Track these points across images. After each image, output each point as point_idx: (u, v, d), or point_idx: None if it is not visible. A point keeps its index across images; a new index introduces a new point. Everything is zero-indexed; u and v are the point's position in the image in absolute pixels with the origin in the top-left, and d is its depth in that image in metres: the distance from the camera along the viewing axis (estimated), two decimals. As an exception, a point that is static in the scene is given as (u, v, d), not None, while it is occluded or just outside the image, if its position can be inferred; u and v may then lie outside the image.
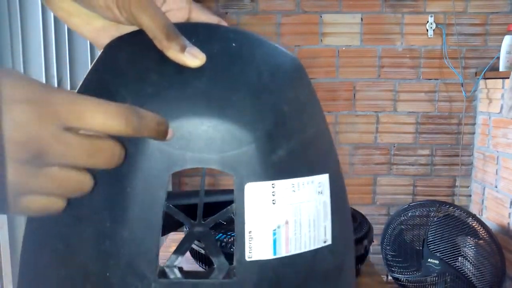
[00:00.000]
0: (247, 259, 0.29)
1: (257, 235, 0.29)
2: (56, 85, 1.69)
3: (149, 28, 0.29)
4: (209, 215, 0.36)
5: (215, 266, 0.31)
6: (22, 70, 1.67)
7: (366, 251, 0.85)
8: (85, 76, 0.31)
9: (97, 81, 0.31)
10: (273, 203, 0.30)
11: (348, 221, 0.37)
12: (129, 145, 0.27)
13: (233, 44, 0.32)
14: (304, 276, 0.32)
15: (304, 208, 0.31)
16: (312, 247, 0.32)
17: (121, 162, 0.26)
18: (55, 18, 1.68)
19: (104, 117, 0.23)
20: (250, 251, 0.29)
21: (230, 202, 0.32)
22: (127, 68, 0.30)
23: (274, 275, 0.30)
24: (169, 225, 0.48)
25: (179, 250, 0.32)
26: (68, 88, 1.71)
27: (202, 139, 0.29)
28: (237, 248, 0.30)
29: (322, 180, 0.33)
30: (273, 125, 0.30)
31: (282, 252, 0.30)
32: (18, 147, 0.21)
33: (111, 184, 0.28)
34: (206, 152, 0.29)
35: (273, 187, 0.30)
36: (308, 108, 0.34)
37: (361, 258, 0.84)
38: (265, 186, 0.29)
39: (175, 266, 0.31)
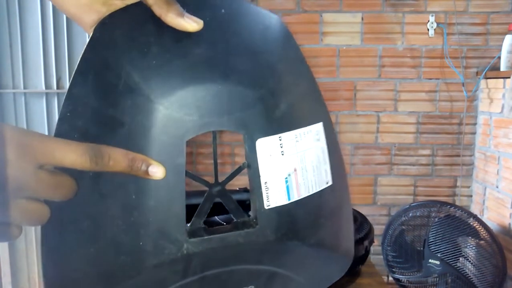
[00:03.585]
0: (265, 207, 0.32)
1: (272, 185, 0.32)
2: (55, 84, 1.69)
3: None
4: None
5: (236, 220, 0.34)
6: (21, 70, 1.67)
7: (367, 251, 0.85)
8: (80, 56, 0.31)
9: (98, 60, 0.31)
10: (282, 154, 0.33)
11: (341, 162, 0.40)
12: (142, 117, 0.29)
13: (222, 11, 0.34)
14: (315, 215, 0.35)
15: (307, 155, 0.34)
16: (318, 189, 0.35)
17: (73, 195, 0.29)
18: (54, 18, 1.67)
19: (73, 156, 0.27)
20: (268, 200, 0.32)
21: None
22: (127, 44, 0.31)
23: (290, 217, 0.33)
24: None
25: (201, 212, 0.34)
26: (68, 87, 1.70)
27: (210, 104, 0.30)
28: (255, 200, 0.32)
29: (318, 129, 0.36)
30: (273, 82, 0.33)
31: (295, 196, 0.34)
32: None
33: None
34: (216, 115, 0.30)
35: (280, 140, 0.33)
36: (297, 64, 0.37)
37: (362, 258, 0.84)
38: (273, 140, 0.32)
39: (200, 227, 0.33)
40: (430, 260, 1.44)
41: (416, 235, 1.50)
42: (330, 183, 0.37)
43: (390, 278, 1.59)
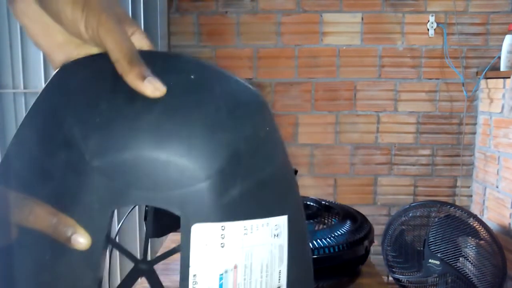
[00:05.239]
0: None
1: (202, 280, 0.28)
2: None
3: (112, 50, 0.28)
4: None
5: None
6: (21, 70, 1.67)
7: (367, 251, 0.84)
8: (37, 96, 0.30)
9: (47, 105, 0.29)
10: (222, 246, 0.28)
11: (308, 264, 0.34)
12: (72, 176, 0.27)
13: (192, 77, 0.31)
14: None
15: (256, 252, 0.29)
16: None
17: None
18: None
19: None
20: None
21: None
22: (78, 95, 0.29)
23: None
24: (168, 225, 0.47)
25: None
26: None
27: (148, 175, 0.27)
28: None
29: (279, 222, 0.31)
30: (227, 163, 0.29)
31: None
32: None
33: None
34: (152, 190, 0.27)
35: (222, 229, 0.28)
36: (268, 146, 0.32)
37: (362, 258, 0.84)
38: (213, 227, 0.28)
39: None
40: (430, 260, 1.44)
41: (416, 235, 1.50)
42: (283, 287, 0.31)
43: (390, 278, 1.59)
